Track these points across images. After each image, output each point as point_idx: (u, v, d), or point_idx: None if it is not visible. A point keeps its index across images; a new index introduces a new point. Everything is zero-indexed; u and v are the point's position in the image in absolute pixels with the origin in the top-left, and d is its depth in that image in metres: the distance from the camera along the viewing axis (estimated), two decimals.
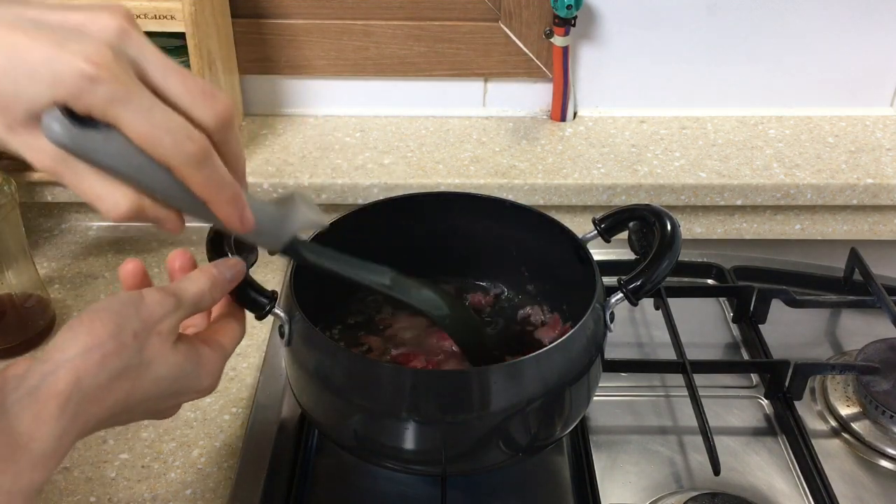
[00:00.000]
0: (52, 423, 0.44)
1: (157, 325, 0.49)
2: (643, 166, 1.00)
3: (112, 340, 0.47)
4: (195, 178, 0.46)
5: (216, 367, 0.54)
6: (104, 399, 0.46)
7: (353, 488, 0.71)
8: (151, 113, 0.44)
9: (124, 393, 0.47)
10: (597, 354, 0.64)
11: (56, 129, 0.43)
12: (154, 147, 0.44)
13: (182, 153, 0.44)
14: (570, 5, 0.98)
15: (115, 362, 0.47)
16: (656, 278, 0.63)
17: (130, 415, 0.50)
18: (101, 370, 0.46)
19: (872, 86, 1.10)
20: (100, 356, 0.46)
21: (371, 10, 1.02)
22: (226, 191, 0.48)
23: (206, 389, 0.54)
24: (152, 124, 0.43)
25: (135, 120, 0.43)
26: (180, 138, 0.44)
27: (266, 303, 0.60)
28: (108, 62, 0.42)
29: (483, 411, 0.59)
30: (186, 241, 0.99)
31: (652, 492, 0.70)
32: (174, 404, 0.54)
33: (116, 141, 0.44)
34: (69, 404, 0.44)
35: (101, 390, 0.46)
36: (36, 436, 0.43)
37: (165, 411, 0.54)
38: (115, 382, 0.47)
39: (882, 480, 0.72)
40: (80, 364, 0.45)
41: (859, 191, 0.99)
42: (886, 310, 0.82)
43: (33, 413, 0.43)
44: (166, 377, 0.50)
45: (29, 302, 0.81)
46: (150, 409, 0.52)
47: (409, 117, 1.10)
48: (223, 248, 0.60)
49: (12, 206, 0.76)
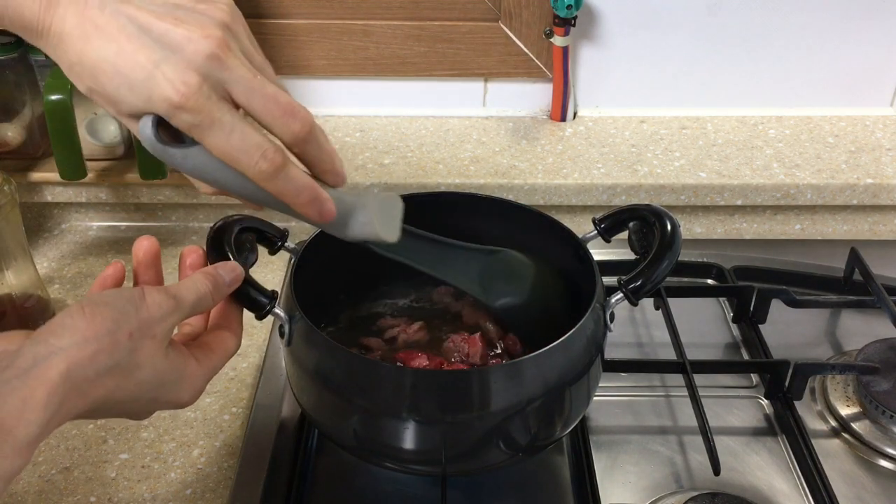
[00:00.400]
0: (39, 411, 0.44)
1: (153, 327, 0.50)
2: (643, 166, 1.00)
3: (108, 336, 0.47)
4: (270, 187, 0.52)
5: (199, 384, 0.55)
6: (89, 393, 0.47)
7: (353, 488, 0.71)
8: (230, 136, 0.49)
9: (108, 391, 0.48)
10: (597, 354, 0.64)
11: (148, 135, 0.50)
12: (232, 163, 0.50)
13: (256, 170, 0.50)
14: (570, 5, 0.98)
15: (107, 359, 0.47)
16: (656, 278, 0.63)
17: (108, 411, 0.50)
18: (92, 364, 0.46)
19: (872, 86, 1.10)
20: (93, 350, 0.46)
21: (371, 10, 1.02)
22: (302, 194, 0.53)
23: (185, 403, 0.54)
24: (230, 146, 0.50)
25: (215, 141, 0.50)
26: (255, 158, 0.50)
27: (266, 303, 0.60)
28: (194, 91, 0.48)
29: (483, 411, 0.59)
30: (188, 242, 0.99)
31: (652, 492, 0.70)
32: (149, 411, 0.54)
33: (201, 153, 0.51)
34: (57, 393, 0.44)
35: (88, 384, 0.46)
36: (22, 421, 0.43)
37: (139, 413, 0.54)
38: (103, 379, 0.47)
39: (882, 480, 0.72)
40: (73, 354, 0.45)
41: (859, 191, 0.99)
42: (886, 310, 0.82)
43: (22, 398, 0.43)
44: (150, 382, 0.50)
45: (29, 302, 0.81)
46: (127, 409, 0.52)
47: (409, 117, 1.10)
48: (224, 250, 0.60)
49: (12, 206, 0.76)
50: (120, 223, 1.01)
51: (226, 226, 0.63)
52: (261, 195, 0.53)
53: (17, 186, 0.78)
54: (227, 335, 0.58)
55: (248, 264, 0.64)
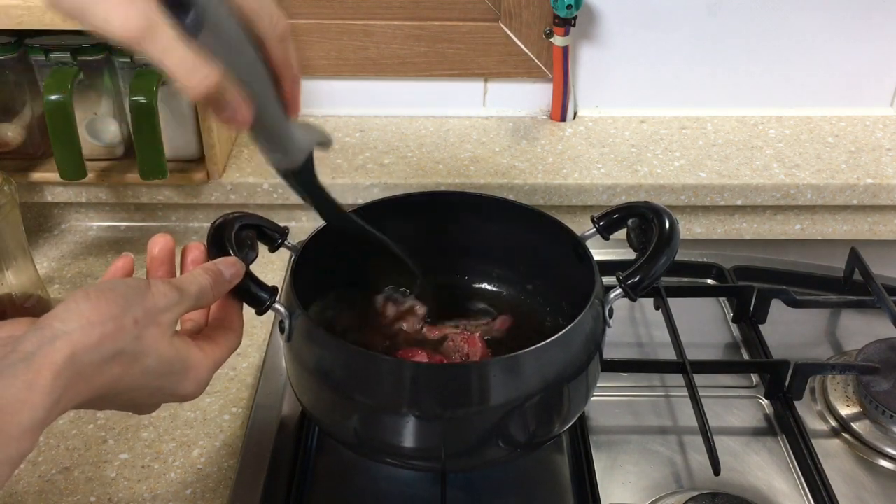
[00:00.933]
0: (44, 395, 0.43)
1: (158, 315, 0.50)
2: (643, 166, 1.00)
3: (113, 322, 0.47)
4: (279, 50, 0.52)
5: (203, 375, 0.54)
6: (94, 379, 0.46)
7: (353, 487, 0.71)
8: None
9: (113, 377, 0.47)
10: (595, 351, 0.64)
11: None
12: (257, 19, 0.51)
13: (277, 27, 0.52)
14: (570, 5, 0.98)
15: (112, 344, 0.47)
16: (655, 273, 0.63)
17: (112, 402, 0.50)
18: (97, 349, 0.46)
19: (872, 86, 1.10)
20: (98, 335, 0.46)
21: (371, 10, 1.02)
22: (295, 70, 0.54)
23: (189, 395, 0.54)
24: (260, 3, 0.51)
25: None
26: (277, 17, 0.52)
27: (266, 298, 0.60)
28: None
29: (482, 405, 0.59)
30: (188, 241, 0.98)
31: (652, 492, 0.70)
32: (154, 403, 0.54)
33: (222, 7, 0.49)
34: (62, 377, 0.44)
35: (93, 369, 0.46)
36: (27, 405, 0.43)
37: (144, 406, 0.54)
38: (108, 365, 0.47)
39: (882, 480, 0.72)
40: (77, 338, 0.45)
41: (859, 191, 0.99)
42: (886, 310, 0.82)
43: (26, 381, 0.43)
44: (155, 370, 0.50)
45: (29, 302, 0.81)
46: (131, 401, 0.52)
47: (409, 117, 1.10)
48: (224, 246, 0.60)
49: (12, 206, 0.76)
50: (120, 223, 1.01)
51: (226, 223, 0.63)
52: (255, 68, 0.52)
53: (17, 186, 0.78)
54: (228, 331, 0.58)
55: (249, 261, 0.64)
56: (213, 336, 0.57)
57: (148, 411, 0.55)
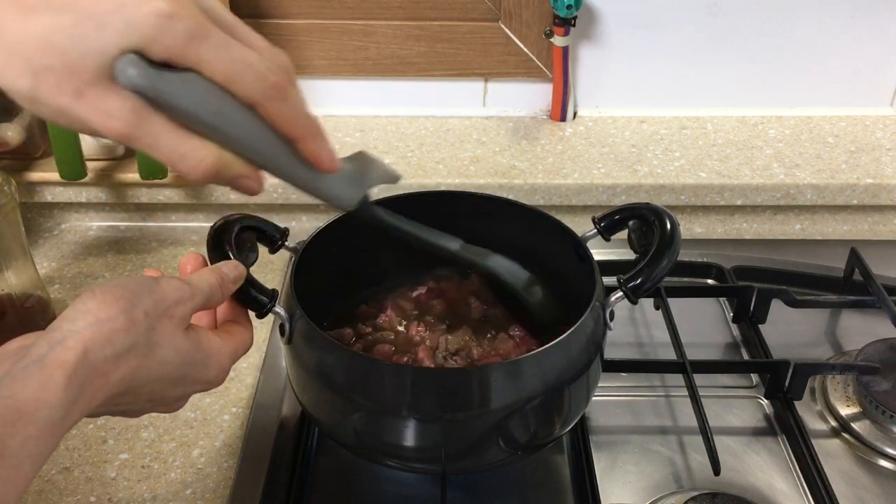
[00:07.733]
0: (60, 393, 0.43)
1: (169, 308, 0.49)
2: (643, 166, 1.00)
3: (122, 316, 0.46)
4: (280, 111, 0.46)
5: (225, 360, 0.54)
6: (110, 374, 0.46)
7: (353, 488, 0.71)
8: (230, 49, 0.44)
9: (130, 371, 0.47)
10: (596, 353, 0.64)
11: (132, 73, 0.42)
12: (237, 83, 0.44)
13: (265, 86, 0.45)
14: (570, 5, 0.98)
15: (124, 338, 0.46)
16: (656, 276, 0.63)
17: (136, 397, 0.49)
18: (109, 344, 0.46)
19: (872, 86, 1.10)
20: (109, 330, 0.46)
21: (371, 10, 1.02)
22: (311, 124, 0.48)
23: (214, 381, 0.54)
24: (233, 59, 0.44)
25: (215, 56, 0.43)
26: (261, 71, 0.45)
27: (266, 301, 0.60)
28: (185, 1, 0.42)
29: (483, 409, 0.59)
30: (188, 242, 0.99)
31: (652, 492, 0.70)
32: (180, 395, 0.53)
33: (196, 83, 0.44)
34: (76, 375, 0.44)
35: (108, 364, 0.46)
36: (42, 403, 0.42)
37: (170, 401, 0.53)
38: (122, 359, 0.46)
39: (882, 480, 0.72)
40: (88, 336, 0.45)
41: (859, 191, 0.99)
42: (886, 310, 0.82)
43: (40, 381, 0.43)
44: (173, 361, 0.50)
45: (29, 302, 0.81)
46: (156, 395, 0.51)
47: (409, 117, 1.10)
48: (224, 249, 0.60)
49: (12, 206, 0.76)
50: (120, 223, 1.01)
51: (226, 225, 0.63)
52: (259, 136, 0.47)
53: (17, 186, 0.78)
54: (239, 327, 0.58)
55: (249, 263, 0.64)
56: (229, 328, 0.57)
57: (177, 407, 0.54)
